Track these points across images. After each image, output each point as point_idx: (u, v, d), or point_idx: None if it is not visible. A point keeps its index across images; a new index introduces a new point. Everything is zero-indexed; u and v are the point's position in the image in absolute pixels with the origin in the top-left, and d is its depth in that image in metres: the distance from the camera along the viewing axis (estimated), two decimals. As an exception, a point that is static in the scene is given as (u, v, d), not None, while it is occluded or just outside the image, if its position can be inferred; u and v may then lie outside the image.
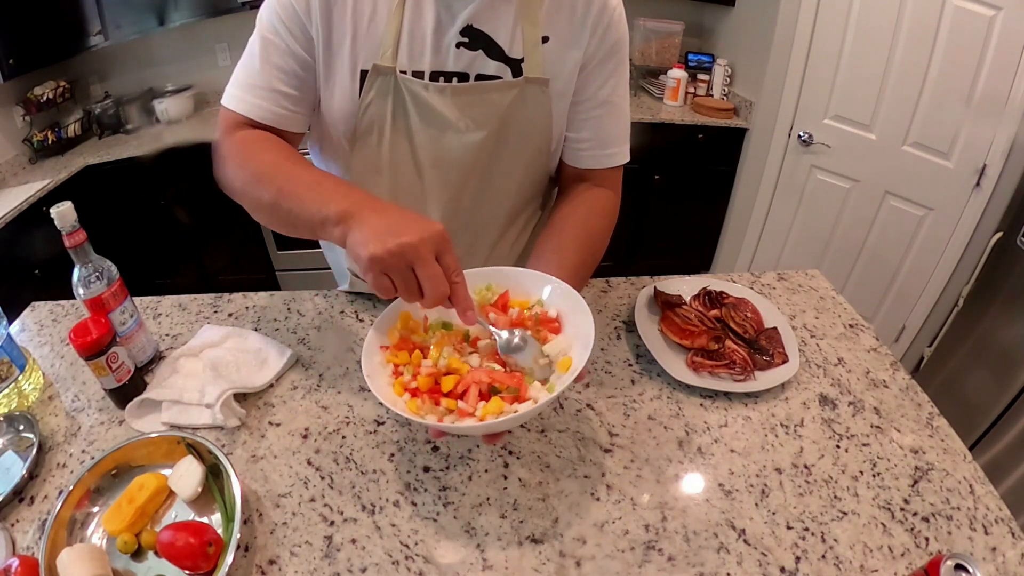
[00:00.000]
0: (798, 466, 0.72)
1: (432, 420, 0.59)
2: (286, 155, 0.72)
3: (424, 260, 0.55)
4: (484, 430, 0.58)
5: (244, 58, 0.75)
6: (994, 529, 0.65)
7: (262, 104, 0.74)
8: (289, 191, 0.66)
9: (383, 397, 0.58)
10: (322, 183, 0.66)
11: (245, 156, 0.72)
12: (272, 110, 0.75)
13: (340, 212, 0.60)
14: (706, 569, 0.61)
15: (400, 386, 0.63)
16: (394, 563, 0.61)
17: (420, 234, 0.55)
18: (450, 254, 0.58)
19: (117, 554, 0.60)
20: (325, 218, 0.61)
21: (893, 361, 0.89)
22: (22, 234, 1.98)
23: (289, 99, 0.75)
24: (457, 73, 0.75)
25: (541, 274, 0.70)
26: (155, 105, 2.60)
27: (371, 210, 0.59)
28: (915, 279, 2.07)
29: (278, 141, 0.74)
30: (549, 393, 0.60)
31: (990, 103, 1.71)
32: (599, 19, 0.76)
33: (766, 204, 2.50)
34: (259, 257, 2.75)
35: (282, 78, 0.74)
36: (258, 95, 0.74)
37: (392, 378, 0.64)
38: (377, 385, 0.60)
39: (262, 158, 0.71)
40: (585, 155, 0.86)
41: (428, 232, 0.55)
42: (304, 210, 0.64)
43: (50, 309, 1.00)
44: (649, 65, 2.80)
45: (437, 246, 0.56)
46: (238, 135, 0.74)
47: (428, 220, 0.58)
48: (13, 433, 0.75)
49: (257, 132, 0.75)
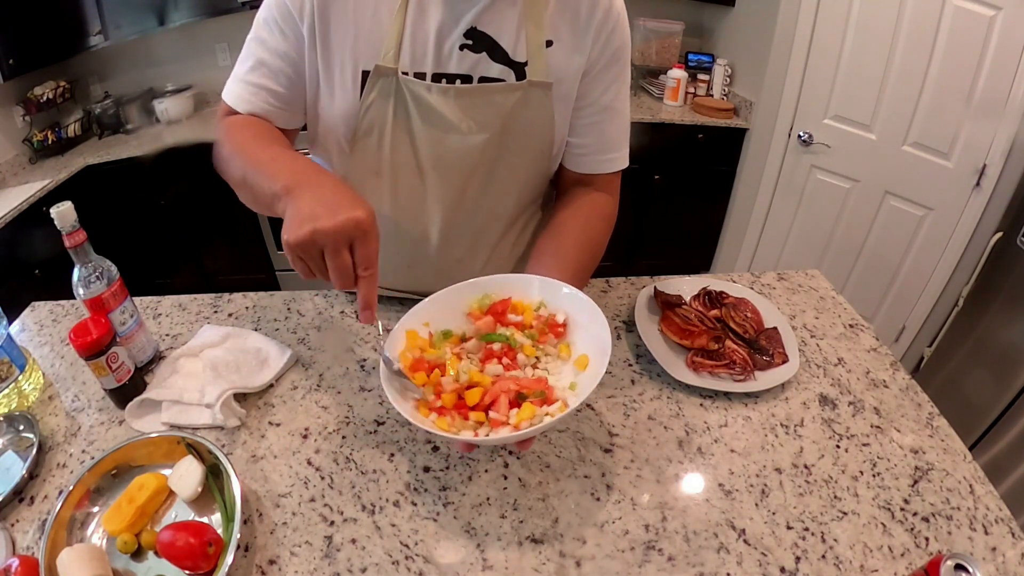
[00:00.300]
0: (798, 466, 0.72)
1: (469, 435, 0.58)
2: (260, 133, 0.73)
3: (332, 250, 0.54)
4: (521, 437, 0.57)
5: (243, 51, 0.77)
6: (994, 529, 0.65)
7: (250, 99, 0.76)
8: (252, 167, 0.67)
9: (416, 420, 0.58)
10: (279, 158, 0.66)
11: (227, 136, 0.74)
12: (259, 105, 0.76)
13: (282, 187, 0.60)
14: (706, 569, 0.61)
15: (425, 407, 0.62)
16: (394, 563, 0.61)
17: (334, 221, 0.54)
18: (366, 245, 0.56)
19: (117, 554, 0.60)
20: (274, 193, 0.61)
21: (893, 361, 0.89)
22: (22, 234, 1.98)
23: (276, 96, 0.77)
24: (460, 75, 0.75)
25: (555, 281, 0.70)
26: (155, 105, 2.60)
27: (306, 187, 0.59)
28: (915, 279, 2.07)
29: (260, 123, 0.76)
30: (572, 392, 0.61)
31: (990, 103, 1.71)
32: (603, 24, 0.76)
33: (766, 204, 2.50)
34: (259, 257, 2.75)
35: (270, 75, 0.75)
36: (247, 90, 0.76)
37: (414, 402, 0.63)
38: (406, 409, 0.60)
39: (238, 136, 0.73)
40: (585, 160, 0.86)
41: (344, 220, 0.54)
42: (260, 186, 0.64)
43: (50, 309, 1.00)
44: (649, 65, 2.80)
45: (350, 235, 0.55)
46: (228, 119, 0.77)
47: (355, 204, 0.56)
48: (13, 433, 0.75)
49: (244, 116, 0.77)
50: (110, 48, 2.53)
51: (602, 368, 0.59)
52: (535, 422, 0.58)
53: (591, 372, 0.62)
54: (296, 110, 0.80)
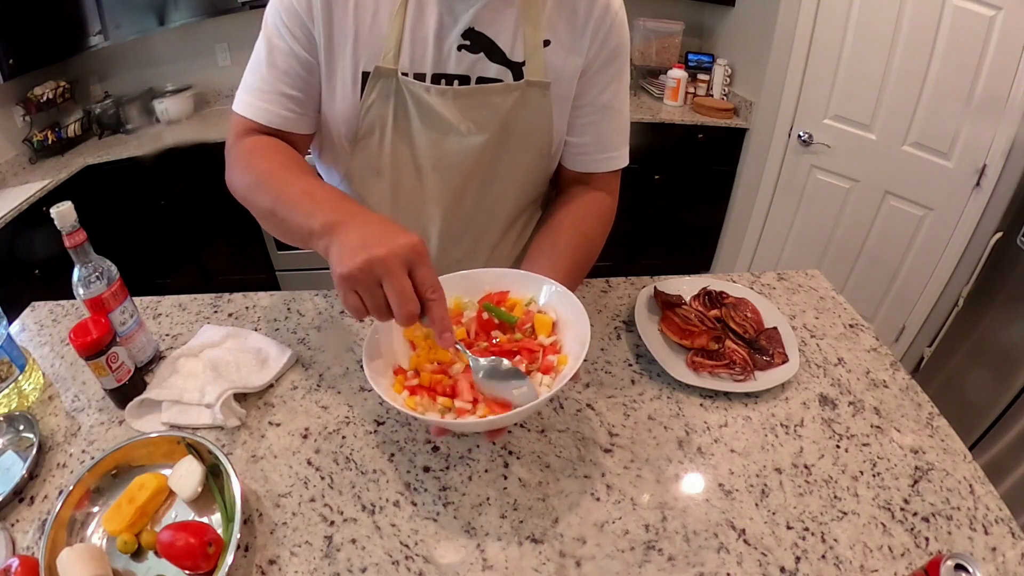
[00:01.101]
0: (798, 466, 0.72)
1: (434, 417, 0.59)
2: (287, 162, 0.71)
3: (391, 274, 0.51)
4: (484, 427, 0.59)
5: (252, 61, 0.76)
6: (994, 529, 0.65)
7: (269, 108, 0.75)
8: (283, 200, 0.65)
9: (385, 395, 0.59)
10: (314, 193, 0.64)
11: (249, 162, 0.72)
12: (280, 114, 0.75)
13: (324, 225, 0.57)
14: (706, 569, 0.61)
15: (400, 384, 0.63)
16: (394, 563, 0.61)
17: (390, 246, 0.51)
18: (425, 268, 0.53)
19: (117, 554, 0.60)
20: (311, 230, 0.59)
21: (893, 361, 0.89)
22: (22, 234, 1.98)
23: (295, 101, 0.76)
24: (458, 76, 0.75)
25: (538, 276, 0.70)
26: (155, 105, 2.60)
27: (353, 224, 0.56)
28: (915, 279, 2.07)
29: (283, 147, 0.74)
30: (548, 390, 0.60)
31: (990, 103, 1.71)
32: (601, 23, 0.76)
33: (766, 204, 2.50)
34: (259, 257, 2.75)
35: (287, 81, 0.74)
36: (265, 99, 0.75)
37: (393, 377, 0.65)
38: (381, 384, 0.61)
39: (263, 165, 0.71)
40: (584, 159, 0.86)
41: (399, 244, 0.52)
42: (294, 220, 0.62)
43: (50, 309, 1.00)
44: (649, 65, 2.80)
45: (408, 259, 0.52)
46: (246, 141, 0.75)
47: (405, 232, 0.54)
48: (13, 433, 0.75)
49: (264, 138, 0.75)
50: (110, 48, 2.54)
51: (577, 363, 0.59)
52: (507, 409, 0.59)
53: (568, 367, 0.62)
54: (314, 113, 0.79)
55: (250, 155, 0.73)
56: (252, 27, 0.76)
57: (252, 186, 0.70)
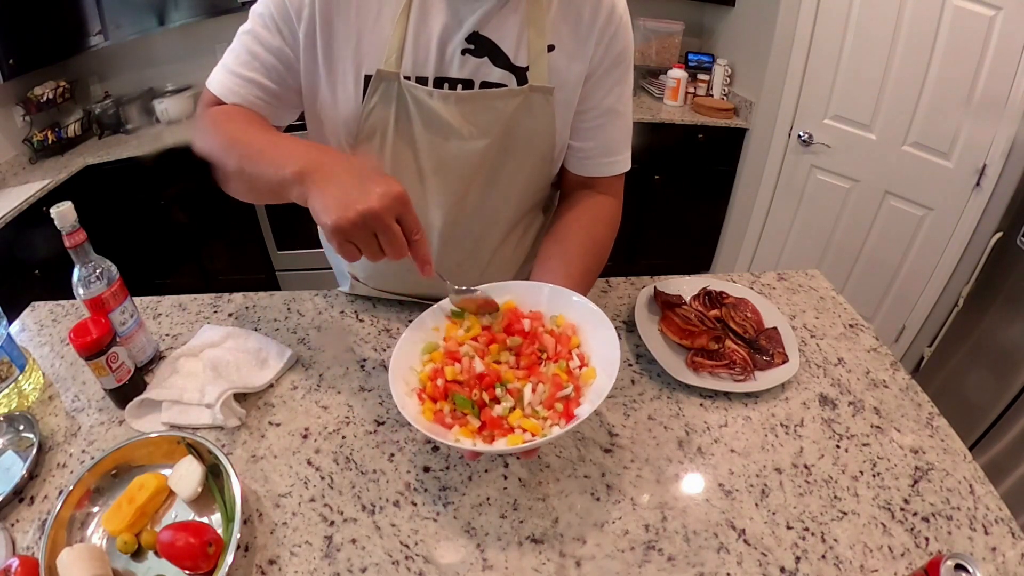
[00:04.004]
0: (798, 466, 0.72)
1: (468, 444, 0.59)
2: (251, 121, 0.73)
3: (385, 225, 0.56)
4: (519, 449, 0.58)
5: (235, 41, 0.76)
6: (994, 529, 0.65)
7: (238, 91, 0.75)
8: (250, 154, 0.66)
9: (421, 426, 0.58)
10: (279, 143, 0.66)
11: (214, 126, 0.73)
12: (246, 97, 0.75)
13: (296, 173, 0.60)
14: (706, 569, 0.61)
15: (430, 411, 0.62)
16: (394, 563, 0.61)
17: (380, 200, 0.55)
18: (409, 213, 0.58)
19: (117, 554, 0.60)
20: (283, 179, 0.61)
21: (893, 361, 0.89)
22: (22, 234, 1.97)
23: (265, 91, 0.76)
24: (462, 80, 0.74)
25: (569, 291, 0.70)
26: (155, 105, 2.59)
27: (327, 170, 0.59)
28: (915, 279, 2.07)
29: (248, 112, 0.75)
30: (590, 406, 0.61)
31: (990, 103, 1.71)
32: (605, 28, 0.76)
33: (766, 204, 2.50)
34: (259, 257, 2.75)
35: (262, 71, 0.75)
36: (235, 82, 0.75)
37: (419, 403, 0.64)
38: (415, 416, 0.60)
39: (228, 127, 0.72)
40: (588, 163, 0.86)
41: (388, 198, 0.56)
42: (264, 172, 0.64)
43: (50, 309, 1.00)
44: (649, 65, 2.80)
45: (396, 210, 0.57)
46: (213, 109, 0.76)
47: (385, 180, 0.58)
48: (13, 433, 0.75)
49: (229, 106, 0.76)
50: (110, 48, 2.53)
51: (609, 384, 0.59)
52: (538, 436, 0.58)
53: (597, 387, 0.62)
54: (284, 107, 0.79)
55: (214, 119, 0.74)
56: (252, 28, 0.76)
57: (219, 148, 0.70)
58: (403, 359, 0.66)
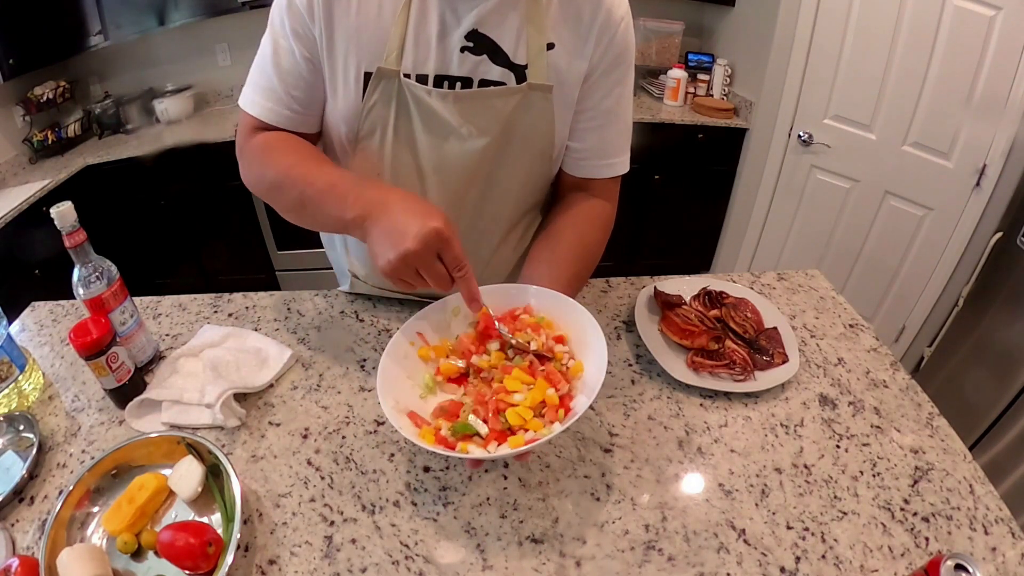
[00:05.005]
0: (798, 466, 0.72)
1: (474, 452, 0.58)
2: (303, 156, 0.75)
3: (426, 264, 0.59)
4: (515, 453, 0.57)
5: (258, 58, 0.77)
6: (994, 529, 0.65)
7: (274, 108, 0.76)
8: (308, 196, 0.70)
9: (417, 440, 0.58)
10: (336, 186, 0.69)
11: (265, 161, 0.75)
12: (284, 114, 0.77)
13: (356, 218, 0.65)
14: (706, 569, 0.61)
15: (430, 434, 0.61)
16: (394, 563, 0.61)
17: (415, 241, 0.58)
18: (451, 250, 0.60)
19: (117, 554, 0.60)
20: (346, 224, 0.66)
21: (893, 361, 0.89)
22: (22, 234, 1.97)
23: (299, 101, 0.77)
24: (461, 78, 0.74)
25: (554, 292, 0.70)
26: (155, 105, 2.59)
27: (380, 212, 0.63)
28: (915, 279, 2.07)
29: (296, 141, 0.77)
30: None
31: (990, 103, 1.71)
32: (605, 28, 0.75)
33: (766, 204, 2.50)
34: (259, 257, 2.75)
35: (291, 81, 0.75)
36: (270, 98, 0.76)
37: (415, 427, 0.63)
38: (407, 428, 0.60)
39: (281, 162, 0.74)
40: (585, 164, 0.86)
41: (423, 237, 0.58)
42: (326, 215, 0.69)
43: (50, 309, 1.00)
44: (649, 65, 2.80)
45: (435, 248, 0.59)
46: (258, 139, 0.77)
47: (427, 215, 0.60)
48: (13, 433, 0.75)
49: (275, 135, 0.78)
50: (110, 48, 2.53)
51: (598, 383, 0.59)
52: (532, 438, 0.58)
53: (589, 385, 0.62)
54: (317, 112, 0.80)
55: (265, 152, 0.76)
56: (252, 27, 0.76)
57: (273, 185, 0.75)
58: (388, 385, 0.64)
